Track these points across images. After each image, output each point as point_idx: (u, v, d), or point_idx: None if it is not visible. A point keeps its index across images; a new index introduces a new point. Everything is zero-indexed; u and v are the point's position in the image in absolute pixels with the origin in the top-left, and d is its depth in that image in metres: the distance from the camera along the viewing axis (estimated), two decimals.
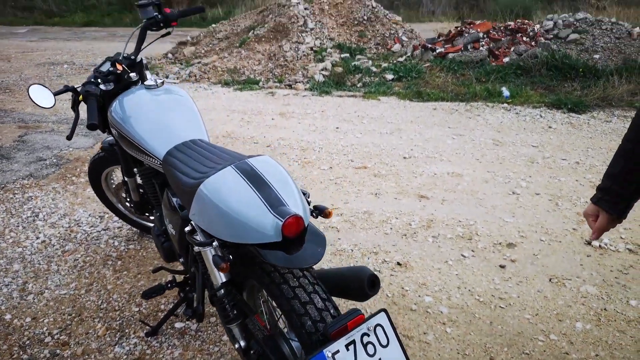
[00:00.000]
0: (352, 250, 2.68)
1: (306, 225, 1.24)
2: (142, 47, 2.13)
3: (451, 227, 2.91)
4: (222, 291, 1.43)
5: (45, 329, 2.08)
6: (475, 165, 3.82)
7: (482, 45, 7.15)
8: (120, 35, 13.13)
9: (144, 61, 2.09)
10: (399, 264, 2.56)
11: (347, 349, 1.14)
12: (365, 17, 8.35)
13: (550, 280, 2.40)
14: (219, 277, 1.42)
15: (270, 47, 7.63)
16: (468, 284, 2.38)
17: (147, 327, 2.03)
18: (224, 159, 1.48)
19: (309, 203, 1.42)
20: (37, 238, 2.81)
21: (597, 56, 6.43)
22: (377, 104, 5.58)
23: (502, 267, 2.52)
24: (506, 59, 6.80)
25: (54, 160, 3.94)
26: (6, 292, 2.33)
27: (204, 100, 5.76)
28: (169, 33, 2.19)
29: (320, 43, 7.61)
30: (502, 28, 7.53)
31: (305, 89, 6.29)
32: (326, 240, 1.29)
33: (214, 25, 9.51)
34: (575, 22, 7.19)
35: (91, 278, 2.43)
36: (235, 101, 5.73)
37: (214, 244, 1.30)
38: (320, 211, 1.43)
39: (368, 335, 1.18)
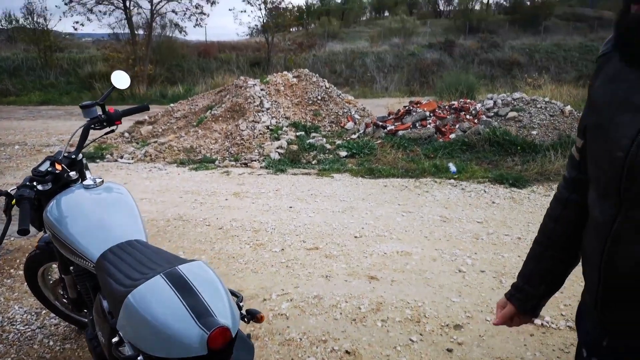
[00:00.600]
0: (300, 340, 2.63)
1: (234, 336, 1.24)
2: (85, 145, 2.16)
3: (400, 310, 2.92)
4: None
5: None
6: (423, 243, 3.92)
7: (430, 123, 7.57)
8: (77, 113, 13.12)
9: (84, 160, 2.11)
10: (347, 352, 2.53)
11: None
12: (319, 97, 8.75)
13: None
14: None
15: (227, 126, 7.81)
16: None
17: None
18: (158, 264, 1.48)
19: (240, 308, 1.42)
20: None
21: (534, 132, 6.91)
22: (331, 181, 5.72)
23: (449, 350, 2.53)
24: (452, 136, 7.19)
25: None
26: None
27: (157, 181, 5.75)
28: (112, 131, 2.24)
29: (276, 122, 7.86)
30: (446, 107, 8.03)
31: (260, 167, 6.39)
32: (254, 349, 1.29)
33: (172, 104, 9.70)
34: (513, 101, 7.77)
35: None
36: (189, 181, 5.74)
37: (138, 358, 1.27)
38: (252, 316, 1.43)
39: None
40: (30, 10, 18.43)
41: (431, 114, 7.77)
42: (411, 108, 8.01)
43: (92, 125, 2.17)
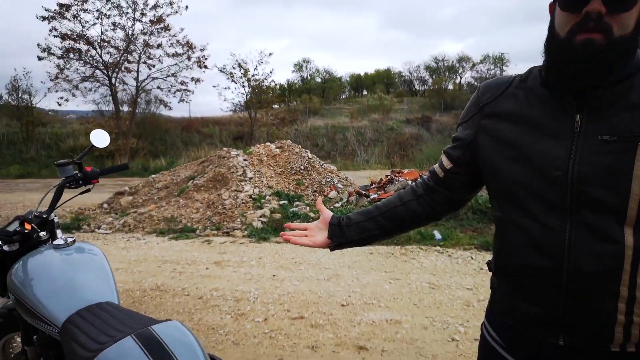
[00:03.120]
0: None
1: None
2: (58, 205, 2.06)
3: None
4: None
5: None
6: (413, 310, 3.76)
7: None
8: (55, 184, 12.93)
9: (56, 219, 2.00)
10: None
11: None
12: (302, 167, 8.81)
13: None
14: None
15: (209, 196, 7.73)
16: None
17: None
18: (129, 326, 1.34)
19: None
20: None
21: None
22: (315, 249, 5.58)
23: None
24: None
25: None
26: None
27: (135, 250, 5.54)
28: (88, 190, 2.15)
29: (259, 191, 7.82)
30: None
31: (243, 236, 6.25)
32: None
33: (153, 175, 9.64)
34: None
35: None
36: (169, 251, 5.54)
37: None
38: None
39: None
40: (15, 87, 18.72)
41: (413, 183, 7.84)
42: (393, 177, 8.09)
43: (68, 184, 2.08)
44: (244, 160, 8.65)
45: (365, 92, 44.27)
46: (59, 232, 1.96)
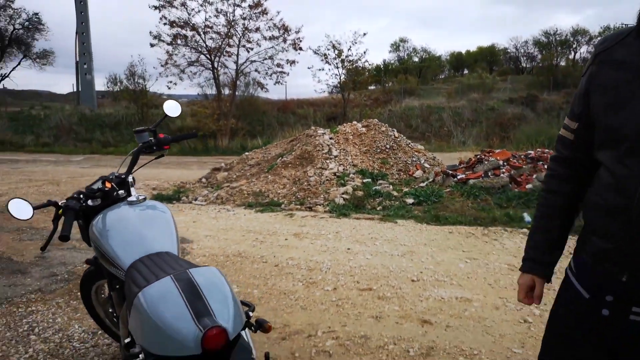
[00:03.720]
0: None
1: (231, 339, 1.19)
2: (135, 169, 2.29)
3: (452, 356, 2.69)
4: None
5: None
6: (486, 290, 3.63)
7: (503, 172, 7.23)
8: (165, 163, 14.11)
9: (131, 179, 2.23)
10: None
11: None
12: (388, 146, 8.74)
13: None
14: None
15: (295, 173, 7.99)
16: None
17: None
18: (174, 268, 1.49)
19: (249, 317, 1.38)
20: (26, 353, 2.78)
21: None
22: (393, 226, 5.57)
23: None
24: (529, 186, 6.79)
25: (65, 276, 4.04)
26: None
27: (224, 220, 5.94)
28: (162, 155, 2.36)
29: (343, 169, 7.92)
30: (522, 156, 7.65)
31: (324, 212, 6.40)
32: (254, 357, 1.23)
33: (247, 153, 10.15)
34: None
35: None
36: (253, 222, 5.87)
37: (140, 356, 1.26)
38: (259, 325, 1.38)
39: None
40: (132, 72, 20.63)
41: (505, 163, 7.43)
42: (482, 157, 7.73)
43: (144, 150, 2.31)
44: (330, 138, 8.78)
45: (466, 71, 42.25)
46: (133, 190, 2.19)
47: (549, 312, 3.23)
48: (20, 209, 1.83)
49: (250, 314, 1.40)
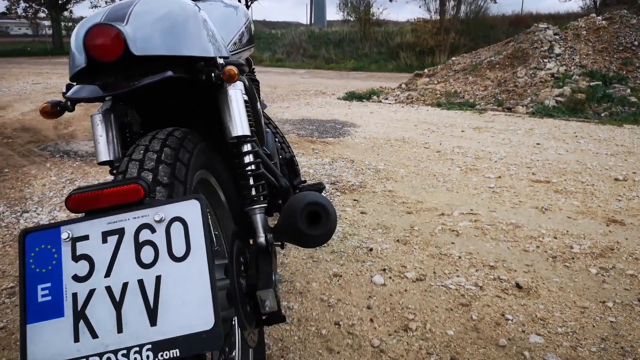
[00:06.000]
0: (459, 257, 1.91)
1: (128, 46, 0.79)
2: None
3: (638, 263, 1.81)
4: None
5: None
6: None
7: None
8: (377, 77, 14.04)
9: None
10: (518, 286, 1.69)
11: (104, 240, 0.63)
12: (637, 43, 6.67)
13: None
14: None
15: (502, 74, 6.83)
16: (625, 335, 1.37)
17: None
18: None
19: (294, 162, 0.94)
20: None
21: None
22: (614, 129, 4.26)
23: None
24: None
25: None
26: None
27: (402, 113, 5.47)
28: None
29: (565, 69, 6.40)
30: None
31: (525, 113, 5.31)
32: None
33: (453, 58, 9.18)
34: None
35: None
36: (433, 116, 5.23)
37: None
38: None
39: (152, 231, 0.64)
40: None
41: None
42: None
43: None
44: (555, 34, 7.16)
45: None
46: None
47: None
48: None
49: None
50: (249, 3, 23.29)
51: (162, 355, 0.57)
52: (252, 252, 1.04)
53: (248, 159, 1.06)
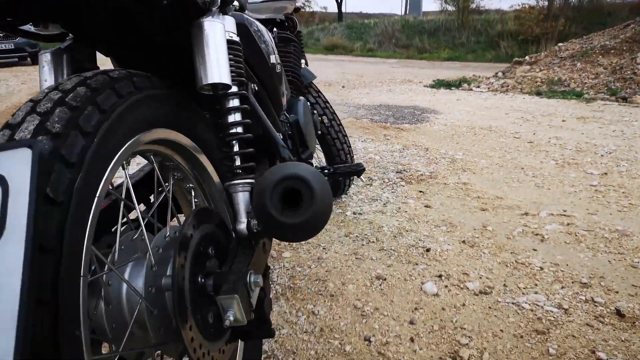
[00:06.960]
0: (540, 269, 1.52)
1: None
2: None
3: None
4: None
5: None
6: None
7: None
8: (473, 67, 13.17)
9: None
10: (619, 313, 1.28)
11: None
12: None
13: None
14: None
15: (618, 60, 5.94)
16: None
17: None
18: None
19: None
20: None
21: None
22: None
23: None
24: None
25: None
26: None
27: (492, 101, 4.91)
28: None
29: None
30: None
31: None
32: None
33: (560, 44, 8.24)
34: None
35: None
36: (529, 104, 4.63)
37: None
38: None
39: None
40: None
41: None
42: None
43: None
44: None
45: None
46: None
47: None
48: None
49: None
50: None
51: None
52: (232, 242, 0.79)
53: (232, 118, 0.80)
